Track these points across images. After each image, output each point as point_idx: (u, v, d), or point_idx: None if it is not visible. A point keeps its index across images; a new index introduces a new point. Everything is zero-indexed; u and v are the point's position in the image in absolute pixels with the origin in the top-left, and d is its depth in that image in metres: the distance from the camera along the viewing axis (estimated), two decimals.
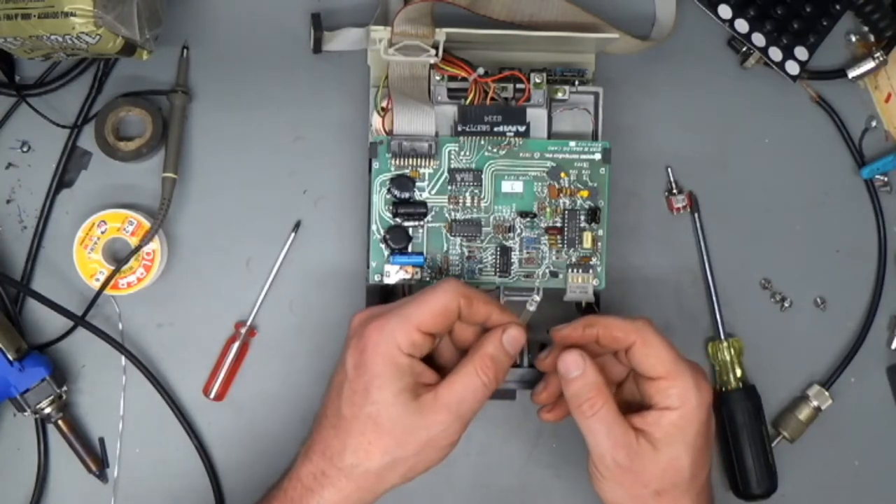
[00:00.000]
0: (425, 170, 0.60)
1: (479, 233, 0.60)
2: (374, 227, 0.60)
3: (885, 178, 0.69)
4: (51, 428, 0.64)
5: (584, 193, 0.61)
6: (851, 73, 0.69)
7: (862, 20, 0.69)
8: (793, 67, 0.67)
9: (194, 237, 0.66)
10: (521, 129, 0.61)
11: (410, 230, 0.60)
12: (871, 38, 0.69)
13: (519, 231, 0.61)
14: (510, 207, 0.61)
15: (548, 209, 0.61)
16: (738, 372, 0.66)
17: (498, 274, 0.61)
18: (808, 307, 0.69)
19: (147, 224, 0.63)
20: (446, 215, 0.60)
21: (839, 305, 0.69)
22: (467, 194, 0.60)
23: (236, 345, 0.65)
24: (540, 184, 0.61)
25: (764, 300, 0.69)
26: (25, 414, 0.62)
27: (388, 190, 0.60)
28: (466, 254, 0.60)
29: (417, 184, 0.60)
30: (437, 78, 0.61)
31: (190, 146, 0.66)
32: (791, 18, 0.67)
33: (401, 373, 0.51)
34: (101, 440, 0.65)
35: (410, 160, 0.60)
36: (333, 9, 0.66)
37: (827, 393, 0.67)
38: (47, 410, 0.62)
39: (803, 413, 0.67)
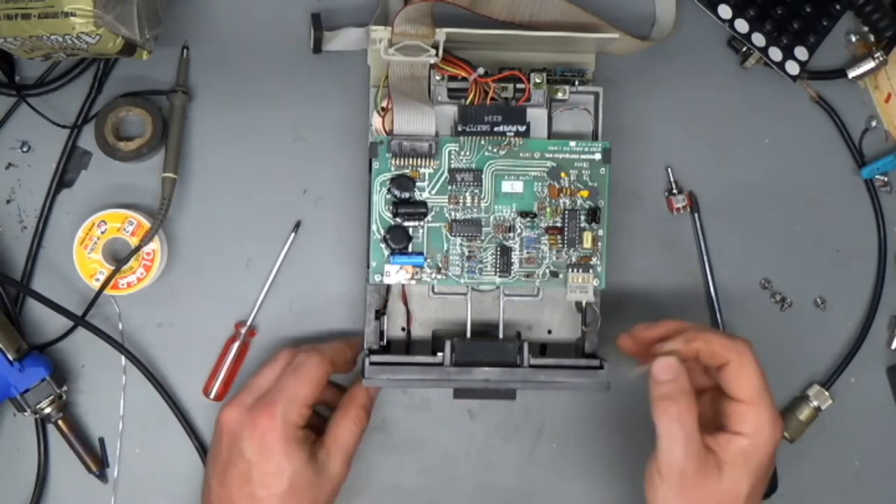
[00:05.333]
0: (425, 170, 0.60)
1: (479, 232, 0.60)
2: (374, 227, 0.60)
3: (885, 178, 0.70)
4: (51, 428, 0.64)
5: (584, 193, 0.61)
6: (851, 73, 0.69)
7: (862, 20, 0.69)
8: (793, 67, 0.67)
9: (194, 237, 0.66)
10: (521, 128, 0.61)
11: (410, 230, 0.60)
12: (871, 38, 0.69)
13: (519, 231, 0.60)
14: (510, 207, 0.60)
15: (548, 209, 0.61)
16: None
17: (498, 274, 0.60)
18: (808, 307, 0.69)
19: (147, 224, 0.63)
20: (446, 215, 0.60)
21: (839, 305, 0.69)
22: (467, 194, 0.60)
23: (236, 345, 0.65)
24: (540, 184, 0.60)
25: (764, 300, 0.69)
26: (25, 414, 0.62)
27: (389, 190, 0.60)
28: (467, 254, 0.60)
29: (417, 184, 0.60)
30: (437, 78, 0.61)
31: (190, 146, 0.66)
32: (791, 18, 0.67)
33: (301, 444, 0.57)
34: (101, 440, 0.65)
35: (410, 160, 0.60)
36: (333, 9, 0.66)
37: (827, 393, 0.67)
38: (47, 410, 0.62)
39: (803, 413, 0.67)
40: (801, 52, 0.67)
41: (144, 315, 0.65)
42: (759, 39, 0.67)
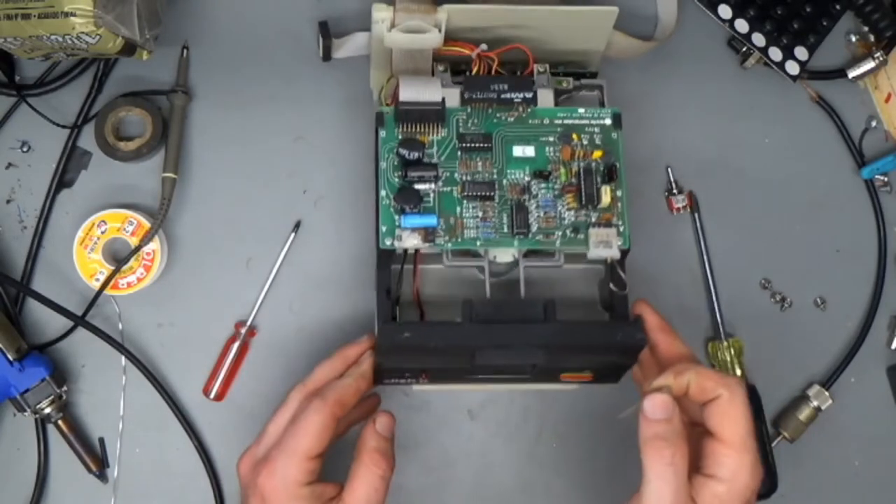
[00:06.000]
0: (433, 136, 0.57)
1: (492, 191, 0.56)
2: (382, 193, 0.56)
3: (885, 178, 0.70)
4: (51, 428, 0.64)
5: (598, 153, 0.58)
6: (851, 73, 0.69)
7: (862, 20, 0.69)
8: (793, 67, 0.67)
9: (194, 237, 0.66)
10: (529, 95, 0.58)
11: (421, 192, 0.56)
12: (871, 38, 0.69)
13: (535, 193, 0.57)
14: (523, 170, 0.57)
15: (562, 170, 0.58)
16: (738, 372, 0.66)
17: (516, 234, 0.56)
18: (808, 307, 0.69)
19: (147, 224, 0.63)
20: (457, 178, 0.57)
21: (839, 305, 0.69)
22: (478, 159, 0.57)
23: (236, 345, 0.65)
24: (552, 147, 0.58)
25: (764, 300, 0.69)
26: (25, 414, 0.62)
27: (397, 152, 0.56)
28: (481, 215, 0.57)
29: (426, 151, 0.57)
30: (440, 68, 0.60)
31: (190, 146, 0.66)
32: (791, 18, 0.67)
33: (307, 503, 0.52)
34: (101, 440, 0.65)
35: (418, 125, 0.57)
36: (334, 11, 0.66)
37: (827, 393, 0.67)
38: (47, 410, 0.62)
39: (803, 413, 0.67)
40: (801, 52, 0.67)
41: (144, 315, 0.65)
42: (759, 39, 0.67)
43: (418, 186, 0.56)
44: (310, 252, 0.66)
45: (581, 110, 0.59)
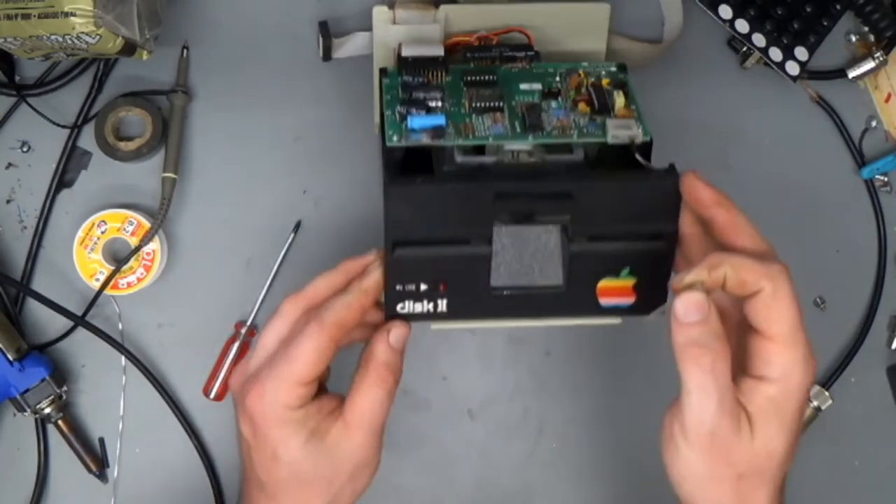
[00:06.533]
0: (438, 82, 0.55)
1: (502, 103, 0.54)
2: (388, 112, 0.53)
3: (885, 178, 0.70)
4: (51, 428, 0.64)
5: (607, 81, 0.56)
6: (851, 73, 0.69)
7: (862, 20, 0.69)
8: (793, 67, 0.67)
9: (194, 237, 0.66)
10: (531, 53, 0.58)
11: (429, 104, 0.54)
12: (871, 38, 0.69)
13: (545, 108, 0.54)
14: (532, 96, 0.55)
15: (572, 92, 0.56)
16: None
17: (529, 130, 0.53)
18: (808, 307, 0.69)
19: (147, 224, 0.63)
20: (464, 102, 0.54)
21: (839, 305, 0.69)
22: (486, 91, 0.55)
23: (236, 345, 0.65)
24: (559, 84, 0.56)
25: None
26: (25, 414, 0.62)
27: (401, 82, 0.54)
28: (491, 122, 0.54)
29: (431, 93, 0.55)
30: None
31: (190, 146, 0.66)
32: (791, 18, 0.67)
33: (299, 425, 0.48)
34: (101, 440, 0.65)
35: (422, 72, 0.55)
36: (334, 10, 0.66)
37: (827, 393, 0.67)
38: (47, 410, 0.62)
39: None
40: (801, 52, 0.67)
41: (144, 315, 0.65)
42: (759, 39, 0.67)
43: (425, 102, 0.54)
44: (310, 252, 0.66)
45: (585, 64, 0.57)
